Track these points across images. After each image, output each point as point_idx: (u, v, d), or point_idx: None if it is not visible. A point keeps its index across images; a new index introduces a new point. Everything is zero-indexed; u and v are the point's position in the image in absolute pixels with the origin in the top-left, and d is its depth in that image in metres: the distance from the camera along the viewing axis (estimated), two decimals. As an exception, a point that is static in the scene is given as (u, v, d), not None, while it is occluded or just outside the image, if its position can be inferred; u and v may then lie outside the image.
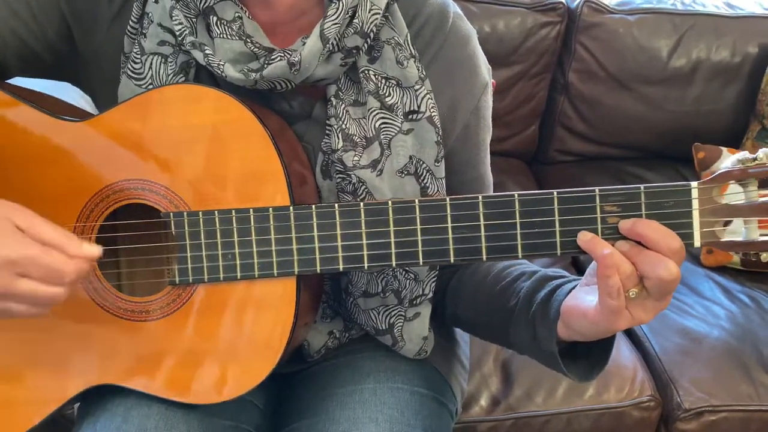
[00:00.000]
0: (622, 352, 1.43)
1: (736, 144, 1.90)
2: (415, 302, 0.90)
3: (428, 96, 0.85)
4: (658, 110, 1.91)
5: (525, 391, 1.35)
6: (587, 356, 0.80)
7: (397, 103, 0.84)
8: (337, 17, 0.79)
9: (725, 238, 0.71)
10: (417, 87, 0.84)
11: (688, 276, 1.66)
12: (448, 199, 0.74)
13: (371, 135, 0.84)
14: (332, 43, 0.80)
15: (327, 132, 0.85)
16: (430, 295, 0.90)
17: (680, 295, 1.60)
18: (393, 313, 0.90)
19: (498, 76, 1.80)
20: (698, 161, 1.82)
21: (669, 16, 1.87)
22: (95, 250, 0.71)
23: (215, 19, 0.80)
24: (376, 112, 0.84)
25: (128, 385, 0.80)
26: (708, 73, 1.89)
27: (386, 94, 0.84)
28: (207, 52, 0.80)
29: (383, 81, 0.84)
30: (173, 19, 0.81)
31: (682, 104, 1.91)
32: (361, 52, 0.83)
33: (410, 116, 0.84)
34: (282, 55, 0.80)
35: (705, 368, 1.42)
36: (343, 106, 0.84)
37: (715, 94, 1.91)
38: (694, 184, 0.71)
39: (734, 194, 0.71)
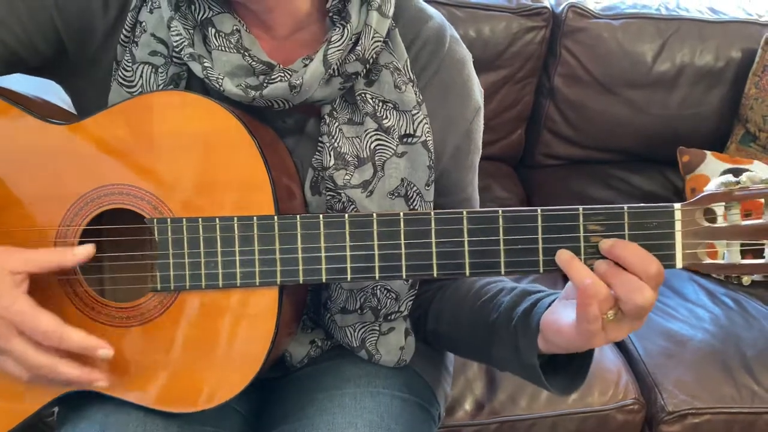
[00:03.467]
0: (606, 356, 1.43)
1: (720, 147, 1.92)
2: (389, 318, 0.90)
3: (425, 121, 0.85)
4: (642, 114, 1.92)
5: (509, 395, 1.35)
6: (567, 369, 0.80)
7: (393, 125, 0.84)
8: (342, 44, 0.80)
9: (707, 260, 0.71)
10: (414, 111, 0.85)
11: (673, 279, 1.67)
12: (432, 213, 0.74)
13: (365, 155, 0.84)
14: (334, 68, 0.80)
15: (319, 149, 0.85)
16: (405, 312, 0.91)
17: (664, 298, 1.61)
18: (367, 329, 0.90)
19: (484, 80, 1.79)
20: (683, 165, 1.84)
21: (653, 20, 1.88)
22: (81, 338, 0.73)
23: (213, 31, 0.80)
24: (372, 133, 0.84)
25: (107, 392, 0.80)
26: (692, 77, 1.90)
27: (384, 117, 0.84)
28: (206, 64, 0.80)
29: (380, 104, 0.84)
30: (171, 30, 0.80)
31: (666, 108, 1.92)
32: (359, 76, 0.83)
33: (405, 139, 0.85)
34: (283, 75, 0.80)
35: (689, 371, 1.42)
36: (336, 124, 0.84)
37: (700, 98, 1.92)
38: (677, 205, 0.71)
39: (717, 217, 0.71)
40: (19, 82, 0.89)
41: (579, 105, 1.92)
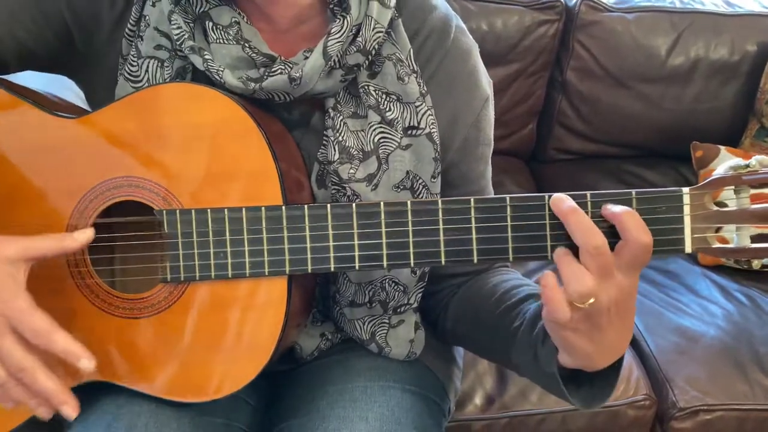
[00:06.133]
0: (618, 351, 1.43)
1: (734, 143, 1.90)
2: (399, 310, 0.90)
3: (429, 112, 0.84)
4: (656, 108, 1.91)
5: (520, 390, 1.35)
6: (591, 384, 0.77)
7: (397, 118, 0.84)
8: (342, 35, 0.79)
9: (717, 245, 0.71)
10: (418, 103, 0.84)
11: (685, 275, 1.66)
12: (440, 201, 0.74)
13: (369, 149, 0.83)
14: (334, 60, 0.79)
15: (324, 143, 0.84)
16: (415, 305, 0.91)
17: (677, 294, 1.60)
18: (376, 322, 0.90)
19: (495, 74, 1.80)
20: (696, 160, 1.82)
21: (667, 14, 1.87)
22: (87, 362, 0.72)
23: (211, 24, 0.80)
24: (375, 126, 0.83)
25: (118, 382, 0.80)
26: (706, 71, 1.88)
27: (387, 109, 0.83)
28: (206, 57, 0.80)
29: (383, 96, 0.83)
30: (172, 23, 0.80)
31: (680, 102, 1.90)
32: (361, 68, 0.83)
33: (409, 132, 0.84)
34: (283, 68, 0.79)
35: (701, 367, 1.42)
36: (341, 118, 0.83)
37: (714, 92, 1.91)
38: (685, 190, 0.71)
39: (726, 201, 0.71)
40: (32, 77, 0.89)
41: (592, 99, 1.91)
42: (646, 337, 1.49)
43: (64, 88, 0.95)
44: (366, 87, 0.83)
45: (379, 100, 0.83)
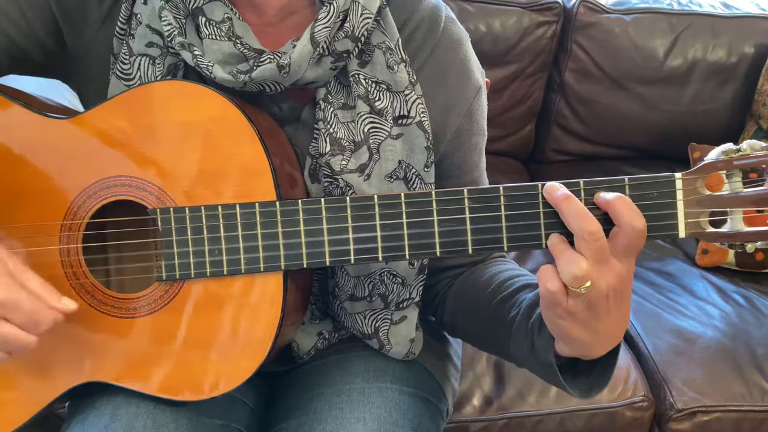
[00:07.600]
0: (616, 352, 1.42)
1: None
2: (401, 306, 0.90)
3: (418, 101, 0.84)
4: (654, 110, 1.91)
5: (518, 391, 1.35)
6: (589, 374, 0.78)
7: (386, 107, 0.84)
8: (328, 21, 0.79)
9: (710, 229, 0.71)
10: (407, 92, 0.84)
11: (683, 276, 1.66)
12: (433, 192, 0.74)
13: (360, 139, 0.83)
14: (323, 47, 0.79)
15: (315, 136, 0.84)
16: (417, 299, 0.90)
17: (674, 295, 1.60)
18: (378, 317, 0.89)
19: (494, 75, 1.81)
20: (694, 161, 1.82)
21: (665, 15, 1.88)
22: (71, 306, 0.72)
23: (204, 19, 0.80)
24: (365, 116, 0.83)
25: (116, 382, 0.80)
26: (704, 73, 1.89)
27: (376, 99, 0.83)
28: (196, 53, 0.80)
29: (373, 85, 0.83)
30: (162, 19, 0.80)
31: (678, 104, 1.91)
32: (351, 56, 0.82)
33: (400, 121, 0.84)
34: (271, 57, 0.79)
35: (698, 368, 1.41)
36: (331, 109, 0.83)
37: (711, 94, 1.91)
38: (678, 175, 0.71)
39: (720, 185, 0.71)
40: (27, 82, 0.89)
41: (589, 100, 1.91)
42: (644, 339, 1.48)
43: (64, 90, 0.95)
44: (356, 76, 0.83)
45: (369, 89, 0.83)
